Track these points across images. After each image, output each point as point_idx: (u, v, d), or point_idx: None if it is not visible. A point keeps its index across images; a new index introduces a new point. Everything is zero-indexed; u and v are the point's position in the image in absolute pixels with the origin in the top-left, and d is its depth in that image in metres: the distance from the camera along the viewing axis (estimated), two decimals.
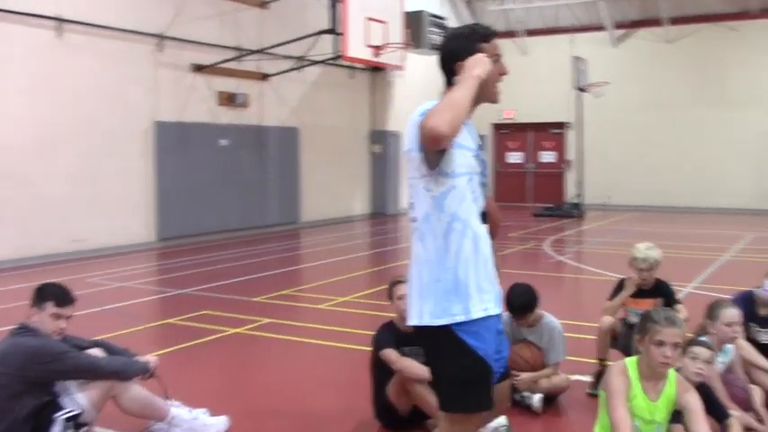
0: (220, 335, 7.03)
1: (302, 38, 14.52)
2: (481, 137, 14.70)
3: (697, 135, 20.72)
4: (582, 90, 19.43)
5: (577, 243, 14.43)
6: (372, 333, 4.81)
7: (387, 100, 19.53)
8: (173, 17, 13.81)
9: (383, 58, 13.61)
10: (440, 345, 2.89)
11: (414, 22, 16.27)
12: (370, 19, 13.16)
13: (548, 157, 23.83)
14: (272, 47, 14.97)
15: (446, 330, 2.84)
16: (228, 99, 15.07)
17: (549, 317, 5.19)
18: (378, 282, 9.90)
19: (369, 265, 12.13)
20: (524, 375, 4.99)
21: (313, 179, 17.38)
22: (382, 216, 19.27)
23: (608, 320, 5.53)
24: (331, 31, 13.16)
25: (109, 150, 12.84)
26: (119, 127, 13.01)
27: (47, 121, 11.93)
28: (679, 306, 5.48)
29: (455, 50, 2.93)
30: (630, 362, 3.42)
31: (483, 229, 2.92)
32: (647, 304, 5.52)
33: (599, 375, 5.52)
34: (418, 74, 18.67)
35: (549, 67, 22.55)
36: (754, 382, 4.83)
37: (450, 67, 2.92)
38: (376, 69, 18.99)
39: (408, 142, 2.88)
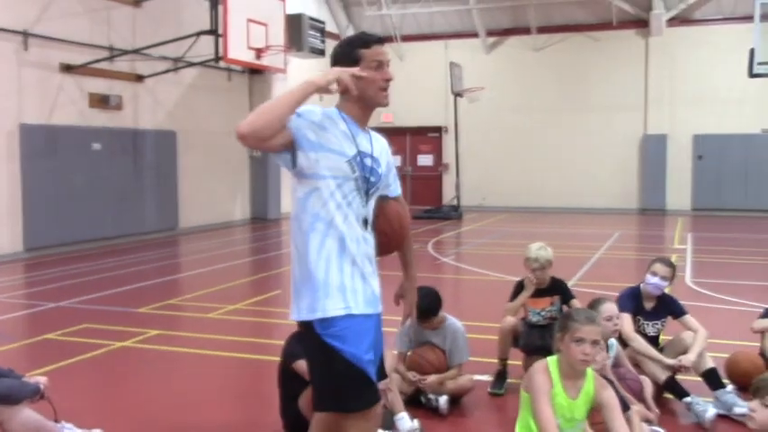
0: (106, 349, 6.66)
1: (180, 38, 14.08)
2: None
3: (566, 138, 21.70)
4: (458, 95, 19.90)
5: (459, 244, 14.75)
6: (269, 341, 4.70)
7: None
8: (39, 13, 13.03)
9: (265, 61, 13.37)
10: (308, 343, 3.05)
11: (294, 25, 16.14)
12: (252, 21, 12.89)
13: (425, 160, 24.26)
14: (148, 47, 14.42)
15: (311, 329, 2.97)
16: (101, 101, 14.37)
17: (452, 319, 5.25)
18: (265, 288, 9.72)
19: (254, 271, 11.89)
20: (430, 378, 5.02)
21: (191, 184, 16.88)
22: (263, 221, 18.98)
23: (510, 321, 5.65)
24: (212, 32, 12.80)
25: None
26: None
27: None
28: (574, 301, 5.69)
29: (337, 56, 3.09)
30: (552, 361, 3.49)
31: (354, 231, 2.99)
32: (544, 303, 5.71)
33: (500, 375, 5.65)
34: (299, 77, 18.51)
35: (425, 72, 22.98)
36: (643, 374, 5.08)
37: None
38: (254, 72, 18.70)
39: None
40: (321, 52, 18.34)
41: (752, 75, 13.69)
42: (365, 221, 3.06)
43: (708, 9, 20.44)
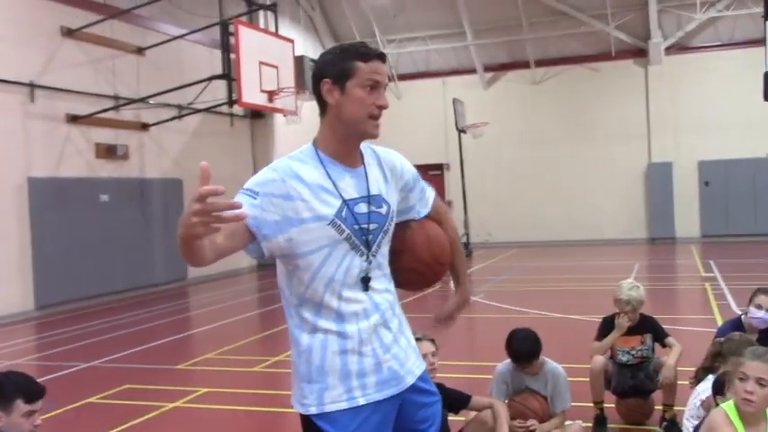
0: (157, 411, 6.22)
1: (190, 84, 13.83)
2: None
3: (570, 170, 21.55)
4: (462, 131, 19.75)
5: (483, 282, 14.37)
6: None
7: (268, 148, 18.97)
8: (44, 64, 12.73)
9: (278, 104, 13.11)
10: None
11: (297, 67, 15.94)
12: (263, 63, 12.65)
13: None
14: (155, 95, 14.15)
15: (310, 425, 2.42)
16: (107, 151, 14.02)
17: (551, 362, 4.89)
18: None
19: (280, 320, 11.45)
20: (543, 426, 4.64)
21: None
22: (269, 267, 18.52)
23: (599, 360, 5.31)
24: (224, 77, 12.53)
25: None
26: None
27: None
28: (670, 339, 5.36)
29: (324, 65, 2.39)
30: (730, 407, 3.14)
31: (356, 303, 2.39)
32: (635, 341, 5.38)
33: (599, 420, 5.28)
34: (311, 119, 18.31)
35: (423, 110, 22.88)
36: None
37: (317, 88, 2.40)
38: (256, 116, 18.44)
39: None
40: None
41: (767, 98, 13.60)
42: (364, 281, 2.41)
43: (706, 36, 20.55)
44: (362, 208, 2.40)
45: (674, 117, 20.61)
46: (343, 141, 2.42)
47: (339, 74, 2.34)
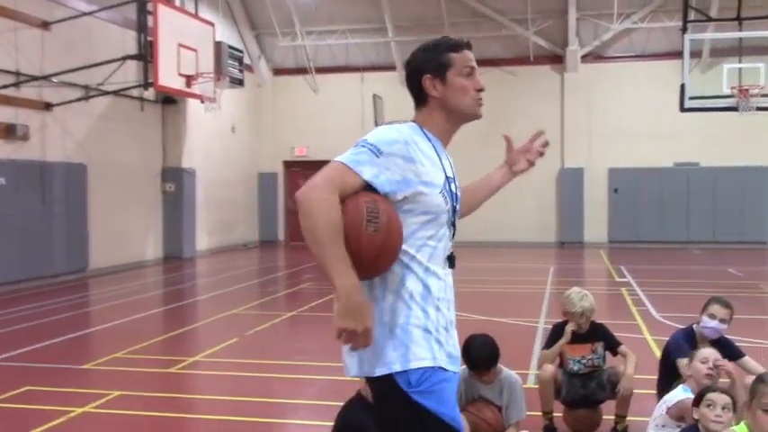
0: (65, 417, 5.61)
1: (101, 63, 12.98)
2: (272, 175, 14.09)
3: (484, 173, 21.33)
4: None
5: None
6: (251, 399, 3.93)
7: (180, 135, 18.14)
8: None
9: (196, 89, 12.43)
10: (388, 408, 2.52)
11: (216, 53, 15.26)
12: (182, 46, 11.96)
13: None
14: (61, 73, 13.20)
15: (391, 387, 2.47)
16: (6, 131, 12.95)
17: (507, 370, 4.63)
18: (219, 337, 8.76)
19: (194, 317, 10.85)
20: None
21: (102, 221, 15.52)
22: (177, 260, 17.74)
23: (549, 369, 5.10)
24: (139, 57, 11.77)
25: None
26: None
27: None
28: (622, 348, 5.20)
29: (419, 62, 2.63)
30: (741, 430, 2.92)
31: (439, 272, 2.54)
32: (585, 350, 5.21)
33: (548, 430, 5.07)
34: (227, 108, 17.62)
35: (340, 104, 22.49)
36: None
37: (417, 83, 2.61)
38: (168, 101, 17.60)
39: None
40: (240, 83, 17.55)
41: (683, 109, 13.93)
42: (450, 259, 2.58)
43: (620, 46, 21.02)
44: (454, 187, 2.62)
45: (588, 124, 20.99)
46: (449, 125, 2.64)
47: (438, 67, 2.57)
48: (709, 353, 4.31)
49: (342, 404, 3.73)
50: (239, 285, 13.56)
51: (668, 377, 4.93)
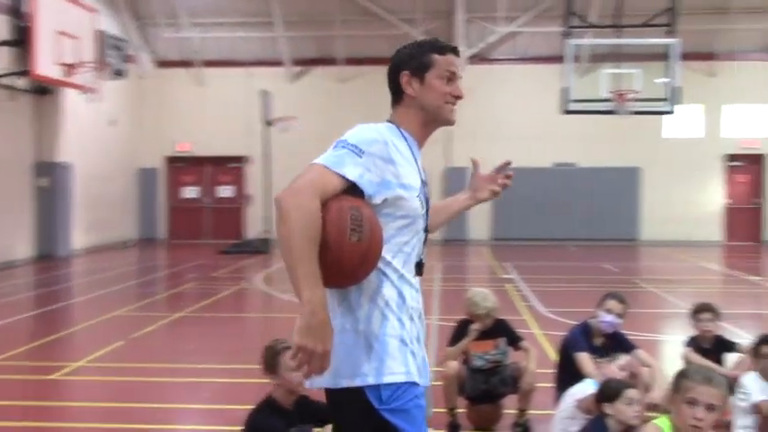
0: None
1: None
2: (152, 170, 13.72)
3: None
4: (269, 124, 19.17)
5: None
6: (144, 405, 3.77)
7: (56, 128, 17.15)
8: None
9: (78, 79, 11.77)
10: (354, 423, 2.41)
11: (97, 42, 14.55)
12: (62, 33, 11.29)
13: (226, 191, 23.10)
14: None
15: (360, 401, 2.37)
16: None
17: None
18: (102, 340, 8.32)
19: (73, 319, 10.28)
20: None
21: None
22: (51, 259, 16.79)
23: (453, 366, 5.13)
24: (15, 44, 11.02)
25: None
26: None
27: None
28: (524, 343, 5.29)
29: (402, 59, 2.59)
30: (665, 424, 2.98)
31: (412, 280, 2.50)
32: (487, 346, 5.26)
33: (452, 427, 5.08)
34: (111, 99, 16.80)
35: (226, 99, 21.97)
36: None
37: (395, 79, 2.58)
38: (41, 92, 16.60)
39: None
40: (122, 74, 16.83)
41: (565, 111, 14.48)
42: (418, 266, 2.51)
43: (504, 49, 21.60)
44: (427, 191, 2.54)
45: (473, 124, 21.41)
46: (424, 126, 2.58)
47: (418, 66, 2.53)
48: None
49: (236, 407, 3.59)
50: (121, 285, 12.98)
51: (567, 371, 5.04)
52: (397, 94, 2.58)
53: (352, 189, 2.32)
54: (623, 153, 20.95)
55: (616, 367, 4.38)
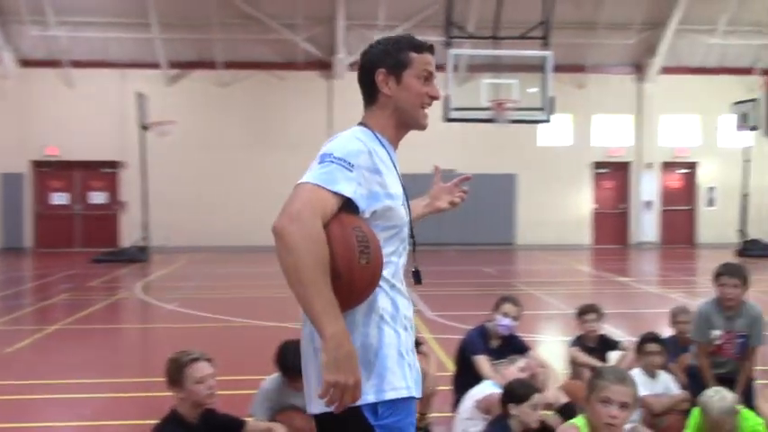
0: None
1: None
2: (17, 176, 13.22)
3: (252, 177, 21.35)
4: (145, 128, 18.51)
5: (174, 289, 13.40)
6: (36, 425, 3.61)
7: None
8: None
9: None
10: None
11: None
12: None
13: (98, 198, 22.09)
14: None
15: (357, 419, 2.28)
16: None
17: None
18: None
19: None
20: None
21: None
22: None
23: None
24: None
25: None
26: None
27: None
28: (423, 347, 5.33)
29: (377, 56, 2.47)
30: (582, 423, 3.06)
31: (404, 290, 2.46)
32: None
33: None
34: None
35: (99, 101, 21.07)
36: None
37: (369, 77, 2.47)
38: None
39: None
40: None
41: (447, 119, 14.79)
42: (416, 274, 2.52)
43: None
44: (408, 197, 2.46)
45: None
46: (397, 129, 2.48)
47: (395, 64, 2.41)
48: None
49: (120, 423, 3.45)
50: None
51: (465, 373, 5.14)
52: (372, 94, 2.47)
53: (346, 205, 2.23)
54: (500, 160, 21.64)
55: (516, 369, 4.49)
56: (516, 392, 3.93)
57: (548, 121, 14.70)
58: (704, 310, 4.98)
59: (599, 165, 22.58)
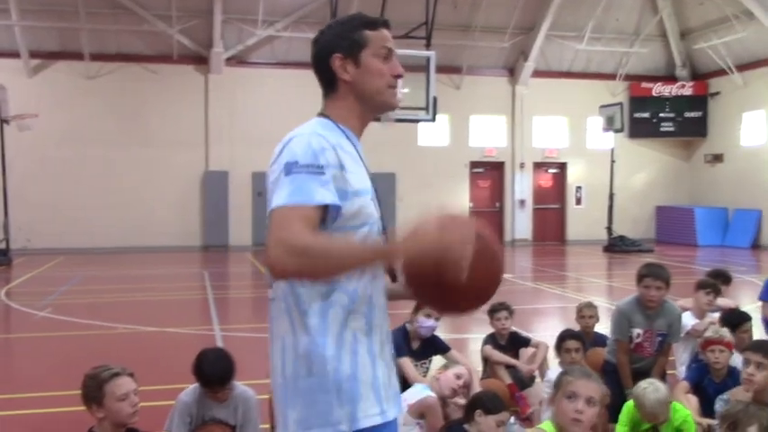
0: None
1: None
2: None
3: (123, 174, 20.33)
4: (5, 122, 17.20)
5: (43, 294, 12.42)
6: None
7: None
8: None
9: None
10: None
11: None
12: None
13: None
14: None
15: None
16: None
17: (240, 386, 4.28)
18: None
19: None
20: None
21: None
22: None
23: None
24: None
25: None
26: None
27: None
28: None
29: (330, 40, 2.26)
30: (548, 426, 2.95)
31: (380, 299, 2.27)
32: None
33: None
34: None
35: None
36: None
37: (325, 63, 2.24)
38: None
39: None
40: None
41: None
42: (391, 273, 2.29)
43: (263, 53, 21.36)
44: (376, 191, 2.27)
45: (231, 127, 20.94)
46: (362, 117, 2.27)
47: (350, 46, 2.21)
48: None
49: None
50: None
51: None
52: (330, 82, 2.25)
53: (326, 211, 2.04)
54: (381, 159, 21.64)
55: (452, 375, 4.40)
56: (490, 404, 3.85)
57: (433, 120, 14.78)
58: (625, 309, 5.08)
59: (475, 164, 23.11)
